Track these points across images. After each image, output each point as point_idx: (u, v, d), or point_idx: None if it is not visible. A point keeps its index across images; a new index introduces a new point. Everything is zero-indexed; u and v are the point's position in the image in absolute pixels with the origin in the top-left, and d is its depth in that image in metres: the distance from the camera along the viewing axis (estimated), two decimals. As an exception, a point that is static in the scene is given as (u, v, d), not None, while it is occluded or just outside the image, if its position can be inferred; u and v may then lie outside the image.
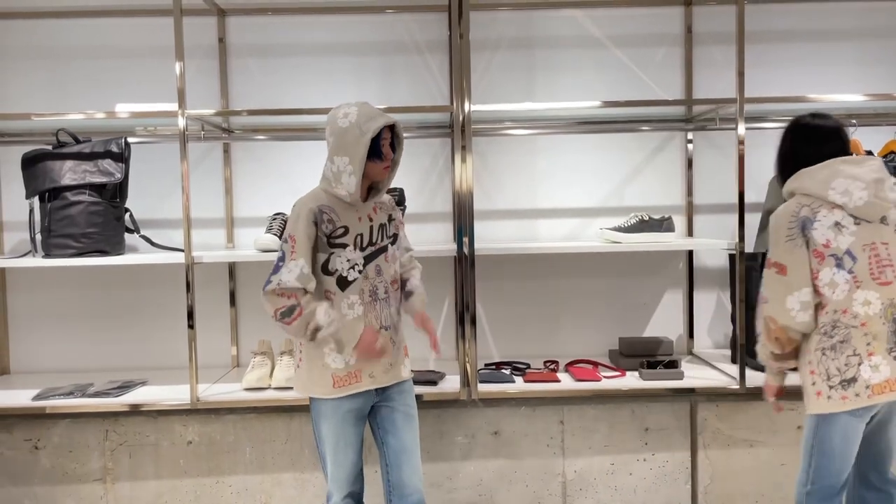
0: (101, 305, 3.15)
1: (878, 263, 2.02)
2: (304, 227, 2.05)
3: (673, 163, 3.19)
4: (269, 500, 2.73)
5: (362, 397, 2.15)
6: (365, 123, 2.05)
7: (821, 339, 2.04)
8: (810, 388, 2.07)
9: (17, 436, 2.71)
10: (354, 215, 2.12)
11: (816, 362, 2.05)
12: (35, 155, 2.74)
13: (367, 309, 2.12)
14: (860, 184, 2.01)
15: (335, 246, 2.09)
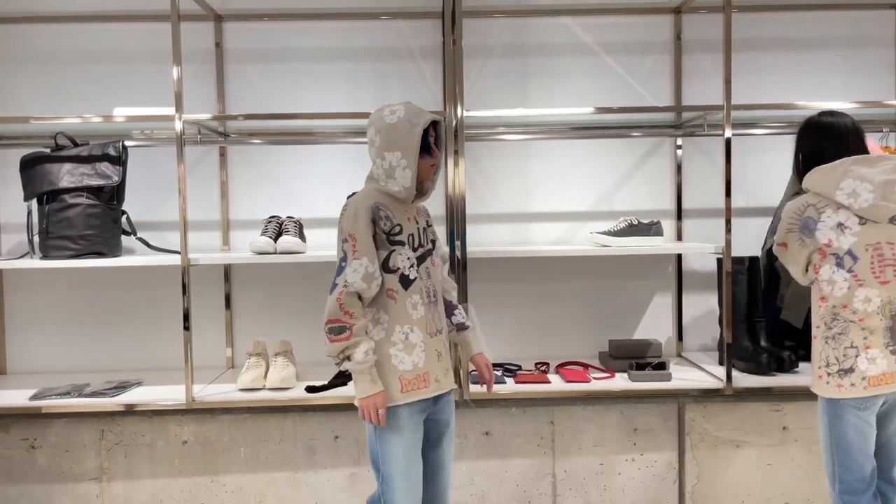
0: (97, 306, 3.18)
1: (880, 262, 2.10)
2: (363, 224, 2.00)
3: (662, 168, 3.24)
4: (263, 500, 2.77)
5: (426, 404, 2.08)
6: (414, 118, 2.04)
7: (823, 329, 2.16)
8: (816, 370, 2.19)
9: (13, 435, 2.74)
10: (405, 215, 2.09)
11: (820, 350, 2.17)
12: (34, 158, 2.78)
13: (428, 310, 2.08)
14: (868, 185, 2.07)
15: (395, 243, 2.04)
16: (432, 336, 2.09)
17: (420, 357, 2.05)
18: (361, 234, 1.99)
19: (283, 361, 2.84)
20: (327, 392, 2.75)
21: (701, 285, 3.25)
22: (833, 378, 2.13)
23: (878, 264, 2.10)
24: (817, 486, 2.79)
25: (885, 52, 3.22)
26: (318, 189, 3.18)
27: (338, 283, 1.98)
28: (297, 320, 3.16)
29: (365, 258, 1.98)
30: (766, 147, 3.17)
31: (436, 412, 2.13)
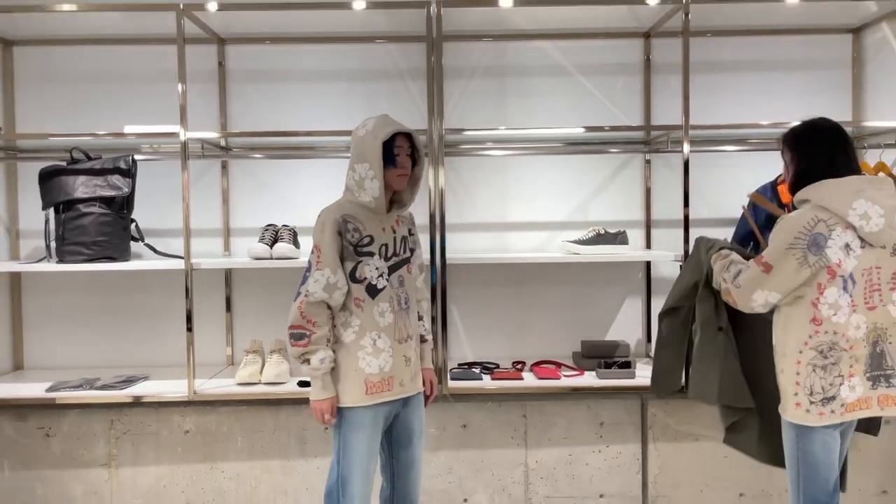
0: (107, 307, 3.42)
1: (870, 288, 2.07)
2: (329, 236, 2.13)
3: (633, 181, 3.48)
4: (258, 485, 3.01)
5: (390, 406, 2.23)
6: (380, 130, 2.17)
7: (815, 357, 2.07)
8: (791, 397, 2.11)
9: (30, 424, 2.99)
10: (379, 225, 2.22)
11: (805, 376, 2.08)
12: (51, 170, 3.03)
13: (397, 317, 2.22)
14: (879, 209, 2.01)
15: (363, 254, 2.17)
16: (401, 342, 2.25)
17: (387, 361, 2.20)
18: (326, 246, 2.14)
19: (277, 358, 3.08)
20: (318, 387, 2.98)
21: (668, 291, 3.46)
22: (815, 406, 2.07)
23: (868, 290, 2.06)
24: (770, 479, 3.00)
25: (842, 73, 3.44)
26: (312, 199, 3.37)
27: (300, 292, 2.14)
28: (292, 321, 3.40)
29: (327, 269, 2.13)
30: (730, 162, 3.40)
31: (405, 414, 2.29)
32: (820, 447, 2.10)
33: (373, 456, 2.23)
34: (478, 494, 3.03)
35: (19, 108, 3.39)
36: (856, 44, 3.42)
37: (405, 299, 2.28)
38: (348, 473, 2.19)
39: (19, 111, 3.39)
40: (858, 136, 3.36)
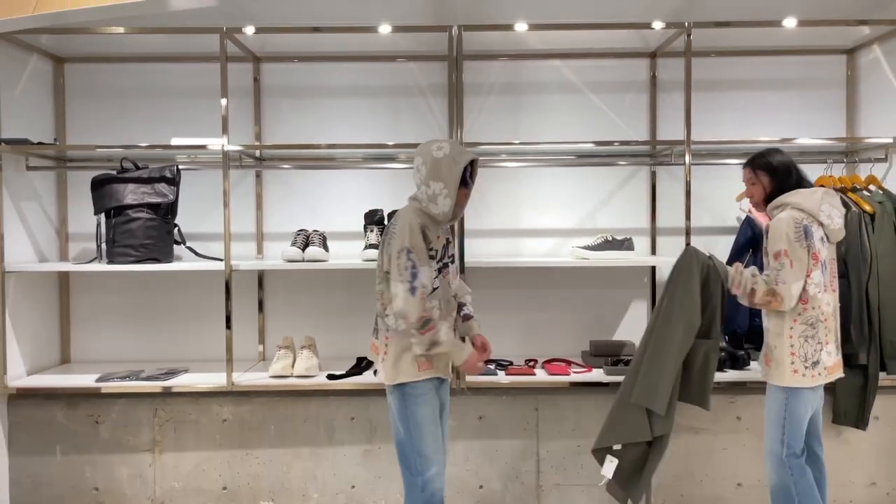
0: (148, 305, 3.67)
1: (830, 274, 2.68)
2: (419, 238, 2.44)
3: (639, 191, 3.70)
4: (289, 470, 3.25)
5: (436, 382, 2.56)
6: (458, 156, 2.50)
7: (804, 329, 2.60)
8: (788, 366, 2.61)
9: (80, 412, 3.24)
10: (436, 233, 2.53)
11: (799, 346, 2.60)
12: (103, 179, 3.29)
13: (443, 315, 2.51)
14: (837, 213, 2.66)
15: (429, 258, 2.49)
16: None
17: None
18: (419, 247, 2.45)
19: (307, 353, 3.32)
20: (345, 380, 3.22)
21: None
22: (808, 370, 2.60)
23: (830, 275, 2.67)
24: (766, 469, 3.21)
25: (837, 92, 3.67)
26: (339, 207, 3.67)
27: (416, 287, 2.41)
28: (320, 319, 3.65)
29: (426, 266, 2.45)
30: (731, 174, 3.60)
31: (442, 392, 2.63)
32: (804, 408, 2.63)
33: (435, 422, 2.55)
34: (492, 482, 3.25)
35: (69, 121, 3.66)
36: (850, 64, 3.65)
37: (448, 299, 2.60)
38: (420, 442, 2.50)
39: (69, 124, 3.66)
40: (852, 151, 3.59)
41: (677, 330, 2.70)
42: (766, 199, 2.76)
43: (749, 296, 2.62)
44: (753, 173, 2.77)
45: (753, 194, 2.79)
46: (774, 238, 2.60)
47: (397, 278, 2.43)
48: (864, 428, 3.12)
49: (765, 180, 2.74)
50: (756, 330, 3.44)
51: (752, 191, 2.79)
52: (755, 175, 2.76)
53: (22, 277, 3.31)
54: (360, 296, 3.64)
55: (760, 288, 2.59)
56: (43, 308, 3.51)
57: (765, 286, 2.59)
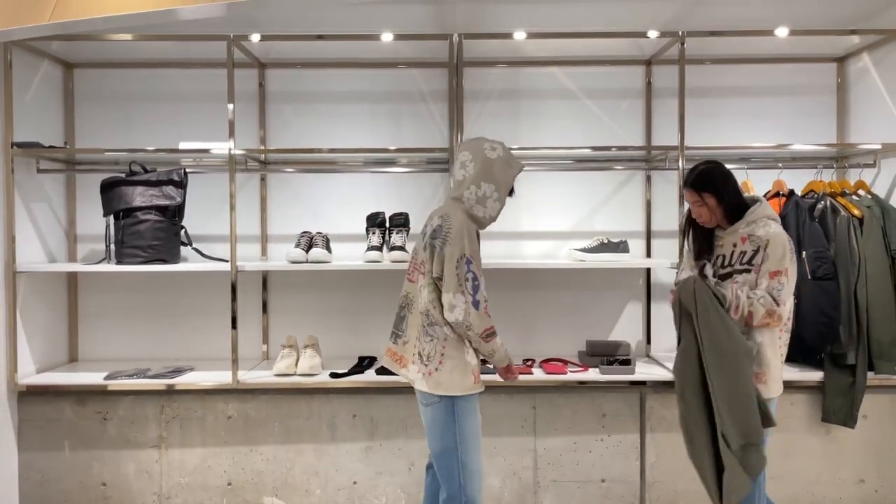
0: (154, 305, 3.75)
1: None
2: (476, 244, 2.43)
3: (635, 195, 3.79)
4: (293, 467, 3.33)
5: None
6: (512, 160, 2.48)
7: (786, 339, 2.63)
8: (779, 376, 2.61)
9: (89, 409, 3.32)
10: None
11: (781, 359, 2.63)
12: (112, 181, 3.38)
13: None
14: None
15: None
16: None
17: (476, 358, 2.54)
18: (477, 255, 2.44)
19: (311, 352, 3.40)
20: (348, 378, 3.30)
21: (667, 296, 3.77)
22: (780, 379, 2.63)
23: None
24: (757, 466, 3.30)
25: (828, 99, 3.76)
26: (342, 209, 3.75)
27: (479, 300, 2.40)
28: (323, 318, 3.74)
29: (482, 276, 2.45)
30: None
31: None
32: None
33: (480, 436, 2.55)
34: (491, 478, 3.33)
35: (78, 125, 3.74)
36: (840, 72, 3.74)
37: None
38: (466, 455, 2.48)
39: (78, 127, 3.74)
40: (842, 157, 3.68)
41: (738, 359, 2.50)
42: (726, 217, 2.63)
43: (747, 318, 2.51)
44: (698, 195, 2.62)
45: (701, 215, 2.65)
46: (777, 256, 2.51)
47: (456, 288, 2.37)
48: (852, 426, 3.20)
49: (711, 201, 2.61)
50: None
51: (700, 212, 2.65)
52: (700, 197, 2.62)
53: (32, 277, 3.39)
54: (363, 297, 3.73)
55: (759, 311, 2.49)
56: (52, 307, 3.59)
57: (762, 308, 2.49)
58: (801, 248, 3.27)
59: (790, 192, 3.47)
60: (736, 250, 2.62)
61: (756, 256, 2.55)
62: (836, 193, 3.39)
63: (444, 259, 2.39)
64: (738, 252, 2.61)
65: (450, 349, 2.45)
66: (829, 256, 3.21)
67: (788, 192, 3.47)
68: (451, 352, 2.45)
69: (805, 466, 3.30)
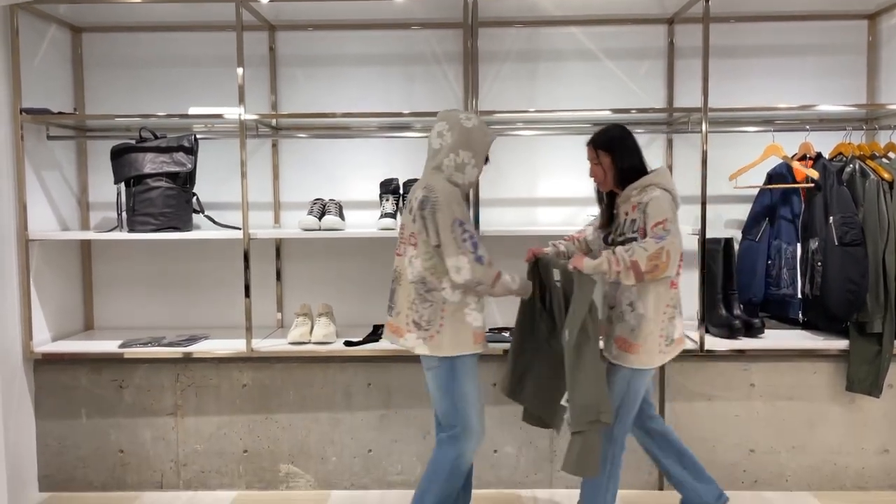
0: (168, 273, 3.73)
1: None
2: (463, 207, 2.50)
3: (656, 160, 3.67)
4: (308, 434, 3.32)
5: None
6: (487, 129, 2.59)
7: (672, 311, 2.58)
8: (649, 347, 2.55)
9: (105, 377, 3.32)
10: None
11: (663, 327, 2.56)
12: (122, 148, 3.33)
13: None
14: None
15: None
16: None
17: (482, 320, 2.60)
18: (467, 216, 2.52)
19: (325, 321, 3.37)
20: (362, 346, 3.27)
21: (687, 264, 3.68)
22: (666, 348, 2.59)
23: None
24: (779, 436, 3.25)
25: (858, 58, 3.61)
26: (355, 176, 3.69)
27: (481, 255, 2.47)
28: (337, 287, 3.70)
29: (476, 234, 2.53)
30: (749, 141, 3.58)
31: None
32: (644, 385, 2.62)
33: (480, 398, 2.64)
34: (507, 447, 3.31)
35: (88, 91, 3.69)
36: (871, 29, 3.58)
37: None
38: (466, 411, 2.57)
39: (88, 93, 3.69)
40: (872, 119, 3.54)
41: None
42: (617, 180, 2.63)
43: (633, 268, 2.40)
44: (595, 152, 2.64)
45: (595, 175, 2.67)
46: (656, 210, 2.47)
47: (457, 251, 2.44)
48: (877, 395, 3.13)
49: (606, 160, 2.62)
50: (771, 298, 3.47)
51: (594, 171, 2.66)
52: (596, 155, 2.64)
53: (45, 246, 3.37)
54: (377, 264, 3.68)
55: (641, 254, 2.39)
56: (66, 276, 3.58)
57: (643, 251, 2.39)
58: (828, 213, 3.17)
59: (818, 155, 3.35)
60: (627, 219, 2.61)
61: (641, 221, 2.53)
62: (865, 156, 3.27)
63: (437, 227, 2.46)
64: (628, 221, 2.60)
65: (449, 312, 2.53)
66: (857, 222, 3.10)
67: (816, 154, 3.36)
68: (450, 315, 2.53)
69: (827, 436, 3.25)
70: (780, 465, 3.26)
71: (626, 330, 2.58)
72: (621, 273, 2.42)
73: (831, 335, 3.29)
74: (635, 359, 2.57)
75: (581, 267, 2.45)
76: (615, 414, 2.58)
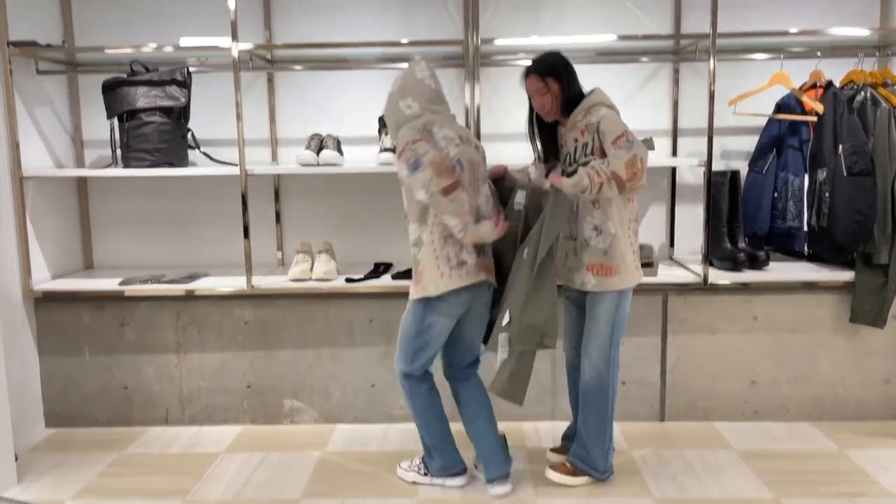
0: (166, 211, 3.69)
1: None
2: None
3: (662, 90, 3.59)
4: (311, 370, 3.33)
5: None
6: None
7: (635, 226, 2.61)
8: (631, 263, 2.58)
9: (106, 314, 3.31)
10: None
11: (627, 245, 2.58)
12: (114, 82, 3.24)
13: None
14: None
15: None
16: None
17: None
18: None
19: (325, 258, 3.34)
20: (363, 283, 3.25)
21: (693, 198, 3.64)
22: (639, 263, 2.63)
23: None
24: (781, 367, 3.25)
25: (872, -20, 3.48)
26: (353, 110, 3.61)
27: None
28: (338, 226, 3.66)
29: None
30: (759, 70, 3.47)
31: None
32: (629, 304, 2.63)
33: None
34: (509, 380, 3.31)
35: (76, 23, 3.57)
36: (887, -50, 3.44)
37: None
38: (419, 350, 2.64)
39: (77, 25, 3.57)
40: (885, 45, 3.43)
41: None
42: (563, 105, 2.56)
43: (614, 178, 2.31)
44: (542, 81, 2.54)
45: (544, 105, 2.57)
46: (611, 126, 2.42)
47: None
48: (882, 326, 3.12)
49: (555, 87, 2.54)
50: (776, 232, 3.43)
51: (543, 101, 2.56)
52: (544, 83, 2.54)
53: (40, 183, 3.32)
54: (377, 201, 3.64)
55: (618, 163, 2.32)
56: (63, 214, 3.54)
57: (619, 161, 2.32)
58: (837, 143, 3.10)
59: (828, 84, 3.26)
60: (578, 144, 2.55)
61: (595, 141, 2.48)
62: (877, 84, 3.17)
63: None
64: (580, 145, 2.54)
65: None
66: (867, 151, 3.04)
67: (826, 83, 3.26)
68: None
69: (829, 368, 3.25)
70: (781, 397, 3.28)
71: (597, 255, 2.55)
72: (604, 184, 2.32)
73: (836, 267, 3.27)
74: (618, 280, 2.56)
75: (560, 184, 2.37)
76: (609, 342, 2.59)
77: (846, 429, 3.20)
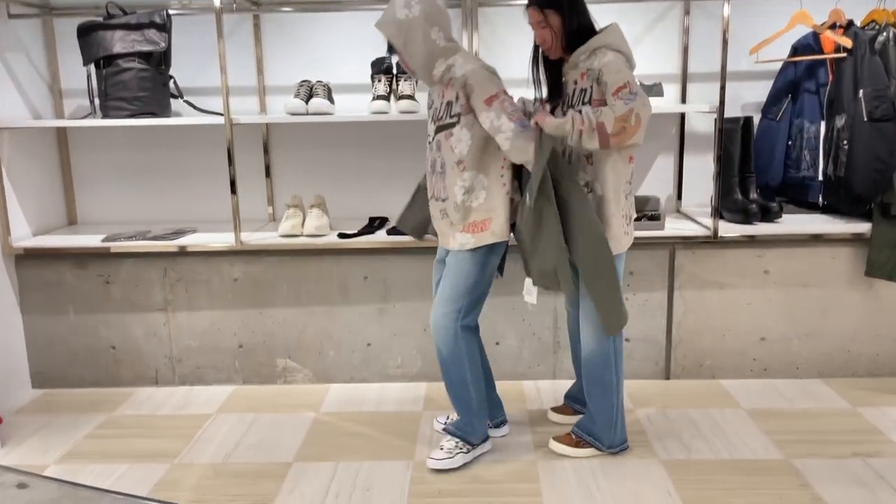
0: (151, 163, 3.53)
1: None
2: None
3: (671, 32, 3.39)
4: (304, 329, 3.22)
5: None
6: None
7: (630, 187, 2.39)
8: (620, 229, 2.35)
9: (90, 272, 3.18)
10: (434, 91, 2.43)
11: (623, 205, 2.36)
12: (89, 25, 3.05)
13: (430, 177, 2.46)
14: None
15: None
16: (434, 199, 2.48)
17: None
18: None
19: (317, 212, 3.20)
20: (357, 238, 3.11)
21: (702, 147, 3.47)
22: (628, 228, 2.39)
23: None
24: (792, 323, 3.13)
25: (900, -88, 3.25)
26: (345, 55, 3.42)
27: None
28: (330, 179, 3.51)
29: None
30: (773, 11, 3.28)
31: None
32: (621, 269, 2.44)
33: None
34: (509, 338, 3.21)
35: (49, -36, 3.37)
36: None
37: (440, 163, 2.40)
38: None
39: (49, -33, 3.37)
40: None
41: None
42: (566, 42, 2.32)
43: (598, 129, 2.11)
44: (541, 14, 2.31)
45: (545, 40, 2.34)
46: (614, 76, 2.17)
47: None
48: (897, 280, 2.99)
49: (555, 21, 2.30)
50: (790, 182, 3.27)
51: (543, 35, 2.34)
52: (543, 16, 2.31)
53: (17, 135, 3.15)
54: (371, 153, 3.48)
55: (608, 115, 2.11)
56: (43, 168, 3.38)
57: (611, 113, 2.11)
58: (857, 87, 2.93)
59: (849, 23, 3.06)
60: (577, 88, 2.32)
61: (595, 90, 2.25)
62: (902, 17, 2.98)
63: None
64: (578, 90, 2.31)
65: None
66: (888, 96, 2.86)
67: (847, 22, 3.06)
68: None
69: (842, 323, 3.13)
70: (791, 354, 3.17)
71: None
72: (584, 133, 2.12)
73: (852, 219, 3.12)
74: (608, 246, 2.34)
75: (543, 124, 2.19)
76: None
77: (859, 386, 3.09)
